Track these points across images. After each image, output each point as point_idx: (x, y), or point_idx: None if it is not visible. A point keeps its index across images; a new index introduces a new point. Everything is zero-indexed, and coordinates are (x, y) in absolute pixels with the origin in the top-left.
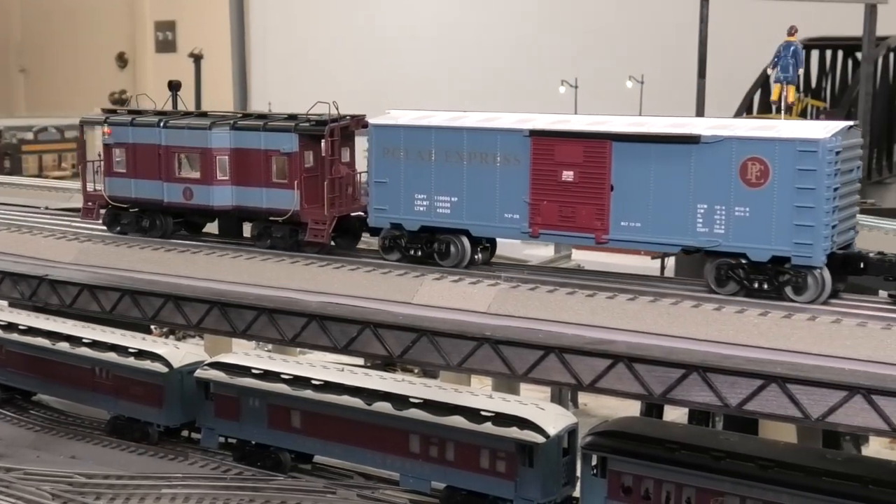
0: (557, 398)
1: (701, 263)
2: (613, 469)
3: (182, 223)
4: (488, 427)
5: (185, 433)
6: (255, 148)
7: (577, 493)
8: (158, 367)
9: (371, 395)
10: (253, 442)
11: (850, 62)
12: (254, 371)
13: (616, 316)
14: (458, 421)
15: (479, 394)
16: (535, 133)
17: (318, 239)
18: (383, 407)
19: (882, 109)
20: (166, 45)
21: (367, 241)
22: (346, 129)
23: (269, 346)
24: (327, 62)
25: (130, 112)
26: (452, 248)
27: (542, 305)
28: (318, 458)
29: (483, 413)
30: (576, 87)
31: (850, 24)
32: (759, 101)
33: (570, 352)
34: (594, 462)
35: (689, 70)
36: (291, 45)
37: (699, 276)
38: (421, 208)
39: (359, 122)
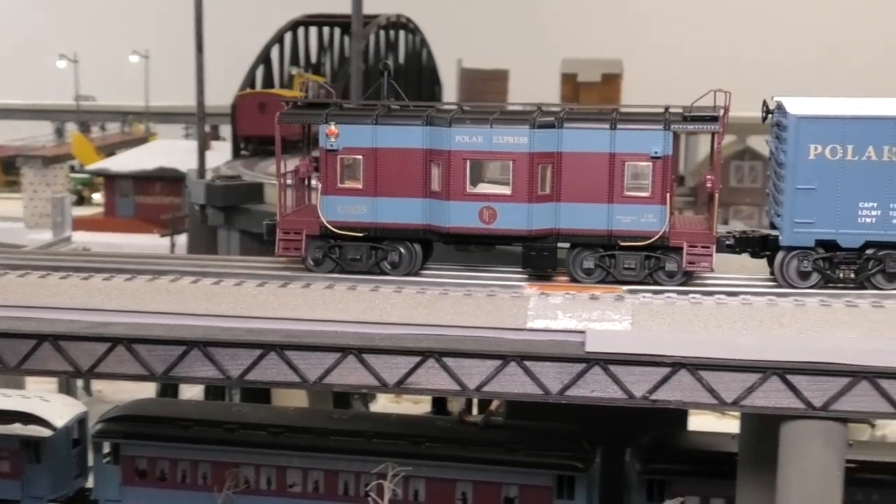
0: (66, 387)
1: (208, 240)
2: (126, 454)
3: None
4: None
5: None
6: (597, 151)
7: (91, 483)
8: None
9: None
10: None
11: (346, 39)
12: None
13: (114, 297)
14: None
15: None
16: None
17: (700, 268)
18: None
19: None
20: None
21: None
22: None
23: None
24: None
25: (340, 104)
26: None
27: (34, 292)
28: None
29: None
30: (76, 61)
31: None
32: (262, 77)
33: (66, 338)
34: (106, 450)
35: (191, 44)
36: None
37: (215, 253)
38: (868, 220)
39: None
